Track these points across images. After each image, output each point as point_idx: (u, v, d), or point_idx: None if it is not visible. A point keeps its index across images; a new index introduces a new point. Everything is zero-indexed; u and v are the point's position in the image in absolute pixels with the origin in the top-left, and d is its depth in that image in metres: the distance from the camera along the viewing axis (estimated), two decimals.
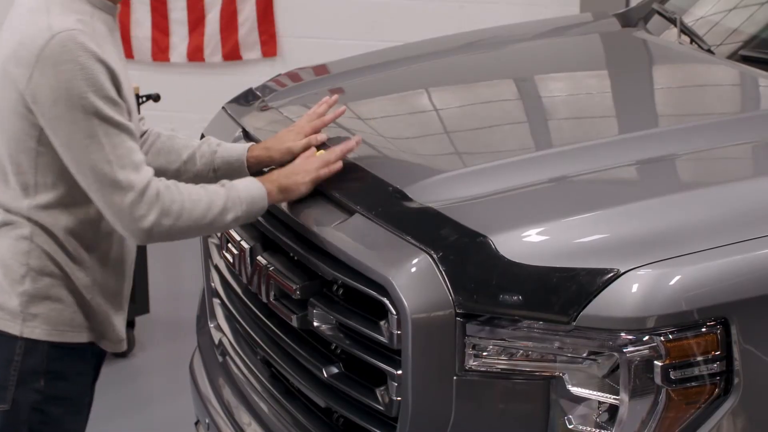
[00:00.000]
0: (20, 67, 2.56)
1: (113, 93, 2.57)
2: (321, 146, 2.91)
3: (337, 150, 2.81)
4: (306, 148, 2.88)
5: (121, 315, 2.85)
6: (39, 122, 2.57)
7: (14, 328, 2.69)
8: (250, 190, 2.69)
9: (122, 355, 4.79)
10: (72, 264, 2.71)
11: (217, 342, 3.31)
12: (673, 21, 3.65)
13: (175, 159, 2.95)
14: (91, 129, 2.54)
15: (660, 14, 3.79)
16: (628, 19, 3.99)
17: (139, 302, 4.74)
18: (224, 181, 2.71)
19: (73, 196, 2.65)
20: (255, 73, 6.65)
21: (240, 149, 2.95)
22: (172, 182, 2.63)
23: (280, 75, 3.80)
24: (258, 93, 3.56)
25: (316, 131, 2.93)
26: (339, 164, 2.78)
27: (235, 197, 2.66)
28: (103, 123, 2.54)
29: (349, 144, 2.82)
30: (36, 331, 2.69)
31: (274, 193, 2.72)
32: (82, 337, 2.75)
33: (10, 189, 2.68)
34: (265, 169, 2.94)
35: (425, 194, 2.61)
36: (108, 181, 2.55)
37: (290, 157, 2.88)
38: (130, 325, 4.82)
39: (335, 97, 2.97)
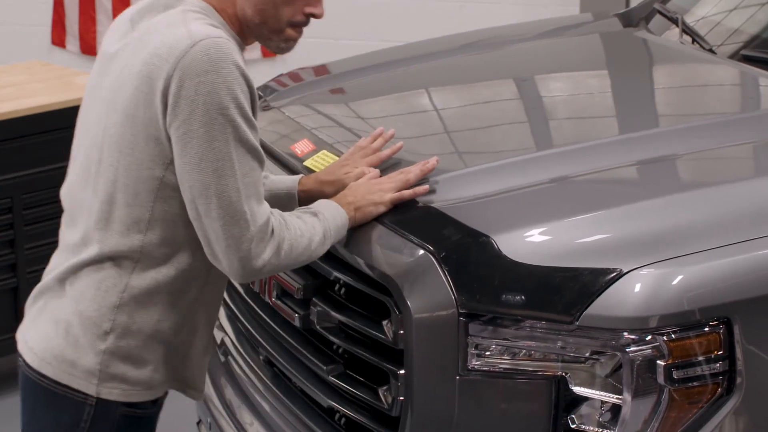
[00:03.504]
0: (153, 81, 2.32)
1: (251, 114, 2.35)
2: None
3: (415, 170, 2.61)
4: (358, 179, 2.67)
5: (206, 364, 2.64)
6: (167, 133, 2.33)
7: (89, 388, 2.45)
8: (336, 221, 2.50)
9: None
10: (164, 323, 2.47)
11: (219, 342, 3.31)
12: (674, 21, 3.65)
13: None
14: (226, 150, 2.30)
15: (661, 14, 3.79)
16: (629, 19, 3.99)
17: None
18: (315, 210, 2.50)
19: (186, 240, 2.42)
20: (255, 73, 6.61)
21: (289, 183, 2.75)
22: (278, 214, 2.41)
23: (281, 75, 3.80)
24: (260, 93, 3.55)
25: (371, 166, 2.71)
26: (425, 187, 2.58)
27: (327, 230, 2.47)
28: (239, 145, 2.31)
29: (428, 165, 2.62)
30: (114, 392, 2.46)
31: (353, 218, 2.55)
32: (156, 393, 2.53)
33: (110, 229, 2.41)
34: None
35: (427, 194, 2.61)
36: (232, 211, 2.30)
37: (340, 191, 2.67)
38: None
39: (392, 131, 2.79)
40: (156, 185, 2.37)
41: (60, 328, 2.47)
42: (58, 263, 2.53)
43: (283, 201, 2.72)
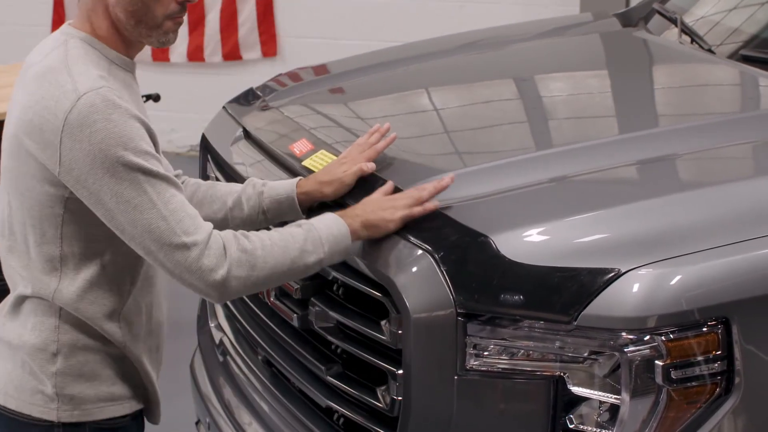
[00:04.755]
0: (44, 134, 2.34)
1: (151, 148, 2.36)
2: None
3: (429, 187, 2.55)
4: (357, 177, 2.69)
5: (156, 377, 2.65)
6: (71, 188, 2.36)
7: (50, 414, 2.48)
8: (330, 229, 2.46)
9: None
10: (106, 335, 2.49)
11: (217, 342, 3.31)
12: (673, 21, 3.65)
13: (219, 207, 2.74)
14: (138, 187, 2.32)
15: (660, 14, 3.79)
16: (628, 19, 3.99)
17: None
18: (301, 222, 2.49)
19: (103, 265, 2.46)
20: (255, 73, 6.66)
21: (288, 186, 2.73)
22: (239, 232, 2.41)
23: (280, 75, 3.80)
24: (258, 93, 3.56)
25: (369, 161, 2.72)
26: (435, 203, 2.53)
27: (315, 238, 2.43)
28: (150, 178, 2.33)
29: (442, 183, 2.56)
30: (75, 413, 2.49)
31: (358, 230, 2.49)
32: (125, 408, 2.55)
33: (32, 262, 2.46)
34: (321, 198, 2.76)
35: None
36: (167, 239, 2.33)
37: (344, 190, 2.70)
38: None
39: (387, 125, 2.80)
40: (59, 221, 2.41)
41: (15, 359, 2.51)
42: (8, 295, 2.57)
43: (283, 206, 2.71)
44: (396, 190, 2.64)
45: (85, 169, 2.31)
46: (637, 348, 2.27)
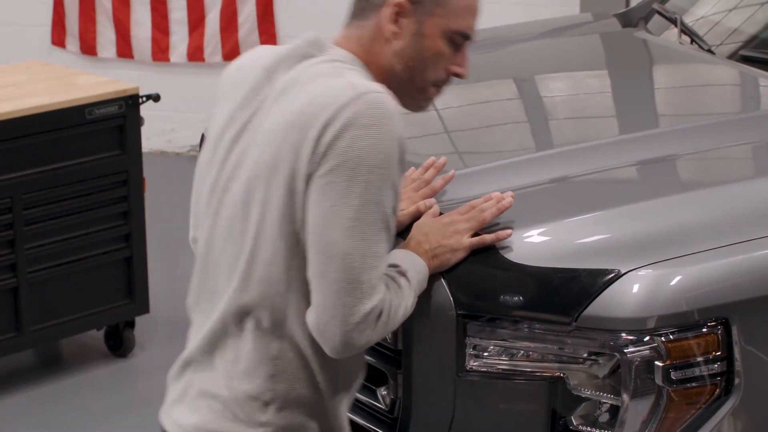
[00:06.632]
0: (306, 129, 2.16)
1: (399, 183, 2.19)
2: None
3: (490, 208, 2.42)
4: (416, 217, 2.47)
5: None
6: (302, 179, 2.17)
7: None
8: (420, 275, 2.31)
9: (122, 355, 4.80)
10: (319, 388, 2.28)
11: None
12: (673, 21, 3.65)
13: None
14: (362, 212, 2.13)
15: (660, 14, 3.79)
16: (628, 19, 3.99)
17: (139, 302, 4.73)
18: (402, 267, 2.27)
19: None
20: None
21: None
22: (386, 287, 2.21)
23: None
24: None
25: (425, 199, 2.54)
26: (508, 232, 2.40)
27: (415, 291, 2.28)
28: (376, 211, 2.14)
29: (503, 203, 2.42)
30: None
31: (430, 268, 2.35)
32: None
33: (250, 290, 2.24)
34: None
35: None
36: (351, 277, 2.13)
37: (398, 229, 2.41)
38: (130, 325, 4.81)
39: (443, 159, 2.64)
40: (294, 241, 2.20)
41: (215, 403, 2.29)
42: (199, 332, 2.34)
43: None
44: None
45: (329, 165, 2.13)
46: (637, 349, 2.28)
